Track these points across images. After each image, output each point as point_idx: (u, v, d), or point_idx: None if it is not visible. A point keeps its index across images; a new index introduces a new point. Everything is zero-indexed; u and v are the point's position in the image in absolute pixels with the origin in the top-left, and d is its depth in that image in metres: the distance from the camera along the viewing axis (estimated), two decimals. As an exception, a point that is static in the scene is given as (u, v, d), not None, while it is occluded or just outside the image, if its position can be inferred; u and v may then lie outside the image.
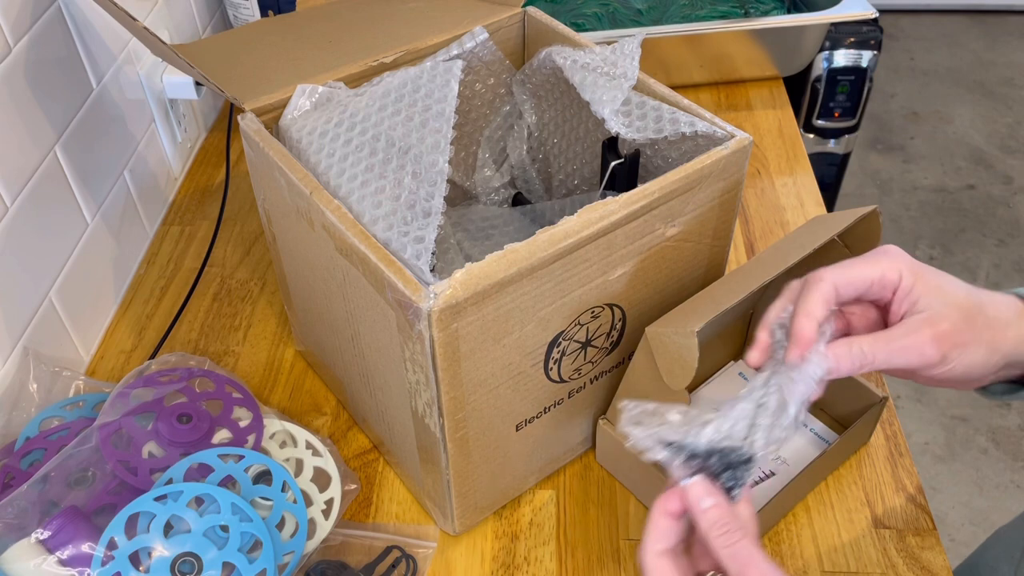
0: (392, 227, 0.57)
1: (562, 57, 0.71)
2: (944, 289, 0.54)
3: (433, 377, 0.56)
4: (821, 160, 1.51)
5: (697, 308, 0.60)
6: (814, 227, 0.66)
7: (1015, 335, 0.54)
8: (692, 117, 0.65)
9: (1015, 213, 2.36)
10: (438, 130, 0.63)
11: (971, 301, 0.54)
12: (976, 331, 0.53)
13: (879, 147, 2.59)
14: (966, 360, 0.53)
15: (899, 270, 0.54)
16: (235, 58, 0.74)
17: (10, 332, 0.74)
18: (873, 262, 0.55)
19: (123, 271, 0.93)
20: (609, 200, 0.58)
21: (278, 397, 0.82)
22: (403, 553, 0.68)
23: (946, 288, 0.54)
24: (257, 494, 0.67)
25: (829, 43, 1.35)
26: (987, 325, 0.53)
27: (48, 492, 0.63)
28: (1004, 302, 0.55)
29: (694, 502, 0.49)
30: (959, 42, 2.99)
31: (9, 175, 0.73)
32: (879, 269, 0.54)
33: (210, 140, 1.14)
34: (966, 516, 1.72)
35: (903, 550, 0.68)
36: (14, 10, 0.73)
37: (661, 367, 0.60)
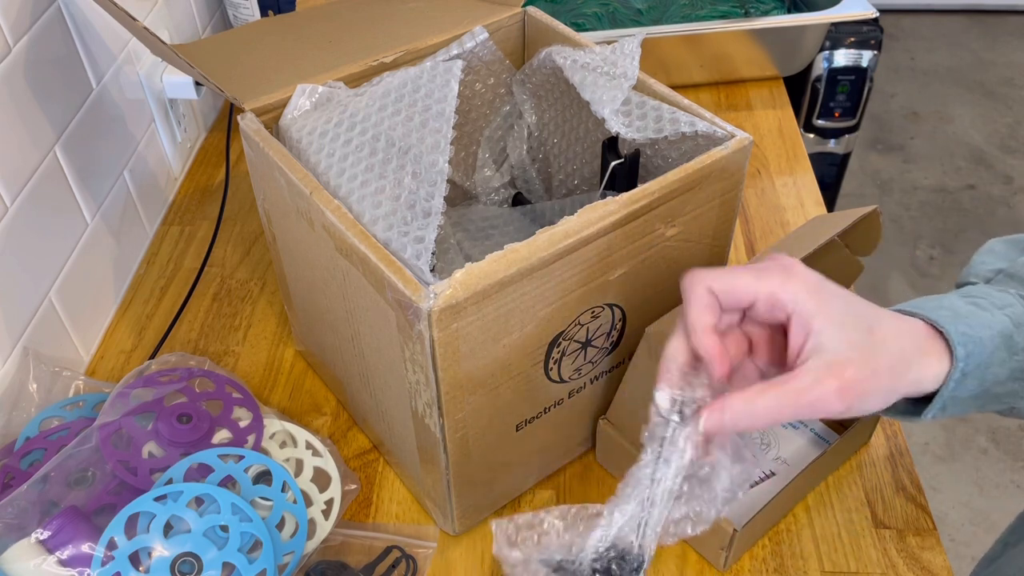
0: (392, 227, 0.57)
1: (562, 57, 0.71)
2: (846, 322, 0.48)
3: (433, 377, 0.56)
4: (821, 160, 1.51)
5: None
6: (815, 227, 0.66)
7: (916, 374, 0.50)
8: (692, 117, 0.65)
9: (1015, 213, 2.36)
10: (438, 130, 0.63)
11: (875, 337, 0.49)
12: (878, 379, 0.48)
13: (879, 147, 2.59)
14: (866, 407, 0.48)
15: (794, 293, 0.48)
16: (235, 58, 0.74)
17: (10, 332, 0.74)
18: (762, 276, 0.49)
19: (123, 271, 0.93)
20: (609, 200, 0.58)
21: (278, 397, 0.82)
22: (403, 553, 0.68)
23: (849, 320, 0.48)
24: (257, 494, 0.67)
25: (829, 43, 1.35)
26: (889, 370, 0.48)
27: (48, 492, 0.63)
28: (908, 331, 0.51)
29: None
30: (959, 42, 2.99)
31: (9, 175, 0.73)
32: (768, 286, 0.49)
33: (210, 140, 1.14)
34: (966, 516, 1.72)
35: (903, 550, 0.68)
36: (14, 10, 0.73)
37: None
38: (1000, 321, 0.52)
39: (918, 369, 0.50)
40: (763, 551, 0.68)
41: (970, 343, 0.50)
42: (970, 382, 0.51)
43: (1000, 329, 0.52)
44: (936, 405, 0.51)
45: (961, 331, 0.50)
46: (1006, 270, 0.58)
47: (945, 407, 0.52)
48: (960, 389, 0.51)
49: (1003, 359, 0.52)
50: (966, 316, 0.52)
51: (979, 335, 0.51)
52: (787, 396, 0.47)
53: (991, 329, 0.52)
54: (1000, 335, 0.52)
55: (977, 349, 0.50)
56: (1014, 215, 2.35)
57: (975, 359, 0.50)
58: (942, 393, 0.50)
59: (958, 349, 0.50)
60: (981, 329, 0.51)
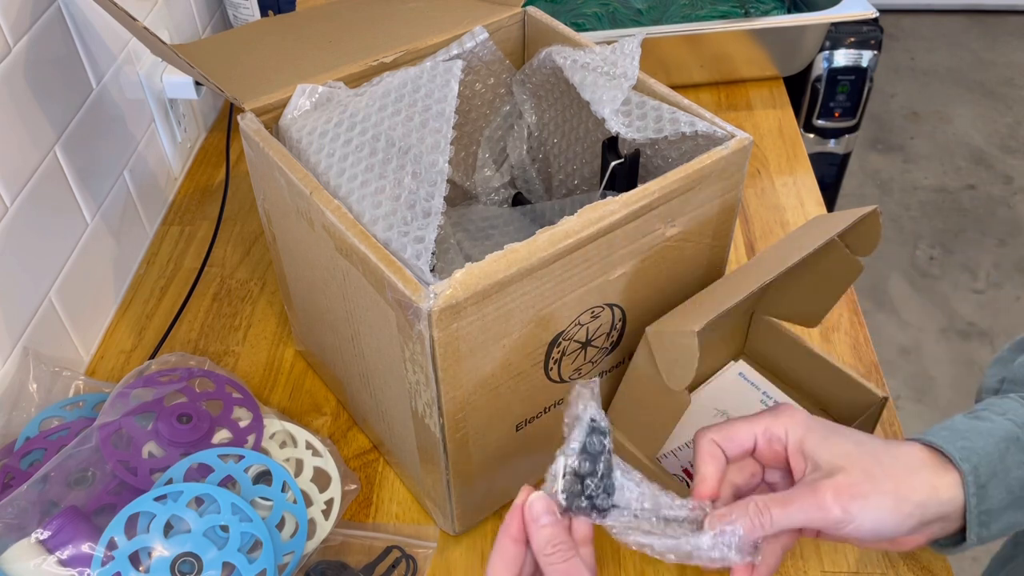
0: (392, 227, 0.57)
1: (562, 57, 0.71)
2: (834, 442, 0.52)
3: (433, 377, 0.56)
4: (821, 160, 1.51)
5: (697, 308, 0.60)
6: (814, 227, 0.66)
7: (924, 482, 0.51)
8: (692, 117, 0.65)
9: (1015, 213, 2.36)
10: (438, 130, 0.63)
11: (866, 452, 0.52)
12: (876, 482, 0.50)
13: (879, 147, 2.59)
14: (871, 514, 0.50)
15: (784, 426, 0.54)
16: (235, 58, 0.74)
17: (10, 332, 0.74)
18: (754, 419, 0.55)
19: (123, 271, 0.93)
20: (609, 200, 0.58)
21: (278, 397, 0.82)
22: (403, 553, 0.68)
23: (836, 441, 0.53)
24: (257, 494, 0.67)
25: (829, 43, 1.35)
26: (888, 475, 0.51)
27: (48, 492, 0.63)
28: (906, 452, 0.53)
29: (531, 520, 0.49)
30: (959, 42, 2.99)
31: (9, 175, 0.73)
32: (761, 424, 0.54)
33: (210, 140, 1.14)
34: (966, 516, 1.71)
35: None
36: (14, 10, 0.73)
37: (661, 367, 0.60)
38: (1002, 427, 0.53)
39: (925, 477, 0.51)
40: (763, 551, 0.68)
41: (973, 456, 0.51)
42: (995, 492, 0.51)
43: (1003, 435, 0.53)
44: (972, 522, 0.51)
45: (960, 446, 0.52)
46: (1007, 376, 0.60)
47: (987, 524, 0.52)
48: (988, 502, 0.51)
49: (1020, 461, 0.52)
50: (965, 431, 0.53)
51: (979, 445, 0.52)
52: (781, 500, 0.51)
53: (993, 436, 0.53)
54: (1004, 440, 0.53)
55: (984, 460, 0.51)
56: (1014, 215, 2.35)
57: (985, 469, 0.51)
58: (969, 508, 0.51)
59: (963, 465, 0.51)
60: (981, 439, 0.52)
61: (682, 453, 0.73)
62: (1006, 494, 0.52)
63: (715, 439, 0.55)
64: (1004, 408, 0.55)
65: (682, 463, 0.72)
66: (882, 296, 2.16)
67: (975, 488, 0.51)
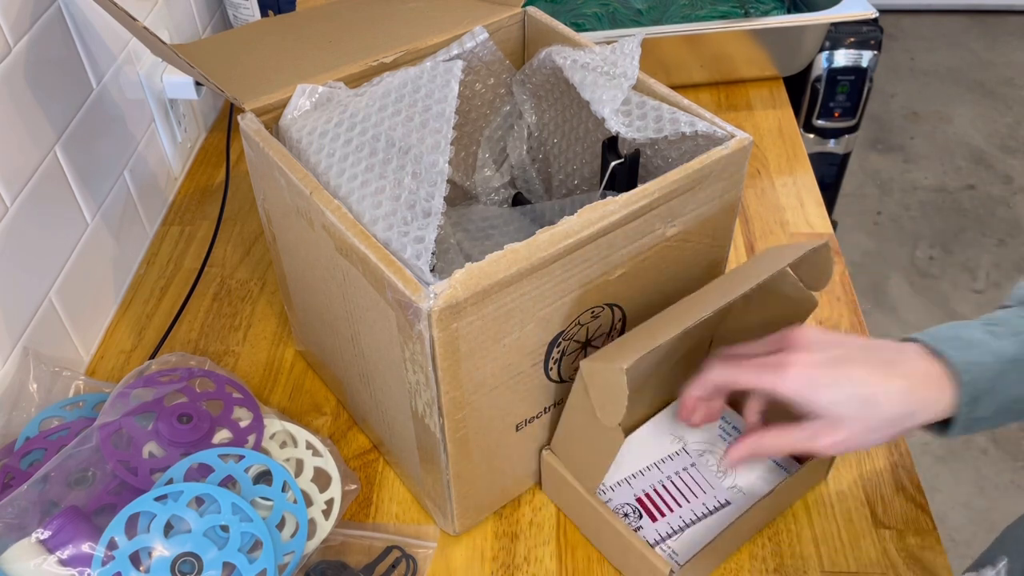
0: (392, 227, 0.57)
1: (562, 57, 0.71)
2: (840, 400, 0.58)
3: (433, 377, 0.56)
4: (821, 160, 1.50)
5: (635, 341, 0.58)
6: (765, 259, 0.65)
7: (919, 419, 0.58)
8: (692, 117, 0.65)
9: (1015, 213, 2.36)
10: (438, 130, 0.63)
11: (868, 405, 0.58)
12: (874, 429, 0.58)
13: (879, 147, 2.59)
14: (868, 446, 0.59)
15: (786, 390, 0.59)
16: (235, 58, 0.74)
17: (10, 332, 0.74)
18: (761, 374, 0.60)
19: (123, 271, 0.93)
20: (609, 200, 0.58)
21: (278, 397, 0.82)
22: (403, 553, 0.68)
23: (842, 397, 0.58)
24: (257, 494, 0.67)
25: (829, 43, 1.35)
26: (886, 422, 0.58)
27: (48, 492, 0.63)
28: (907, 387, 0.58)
29: None
30: (959, 42, 2.99)
31: (9, 175, 0.73)
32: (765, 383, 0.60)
33: (210, 140, 1.14)
34: (966, 516, 1.72)
35: (903, 550, 0.68)
36: (14, 10, 0.73)
37: (595, 402, 0.58)
38: (1011, 347, 0.58)
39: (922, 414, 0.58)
40: (763, 551, 0.68)
41: (974, 368, 0.57)
42: (987, 403, 0.57)
43: (1012, 355, 0.57)
44: (958, 425, 0.58)
45: (967, 359, 0.57)
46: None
47: (969, 426, 0.58)
48: (978, 410, 0.58)
49: (1018, 379, 0.57)
50: (976, 345, 0.58)
51: (985, 361, 0.57)
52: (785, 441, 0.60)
53: (999, 356, 0.57)
54: (1011, 360, 0.57)
55: (983, 374, 0.57)
56: (1014, 215, 2.35)
57: (983, 383, 0.57)
58: (959, 416, 0.58)
59: (963, 376, 0.57)
60: (988, 356, 0.57)
61: (636, 482, 0.71)
62: (998, 406, 0.58)
63: (717, 382, 0.62)
64: (1020, 328, 0.59)
65: (635, 492, 0.70)
66: (882, 296, 2.16)
67: (968, 400, 0.57)
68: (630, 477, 0.71)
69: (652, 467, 0.71)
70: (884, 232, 2.33)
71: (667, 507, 0.68)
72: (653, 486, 0.70)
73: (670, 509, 0.68)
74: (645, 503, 0.69)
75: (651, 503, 0.69)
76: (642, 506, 0.69)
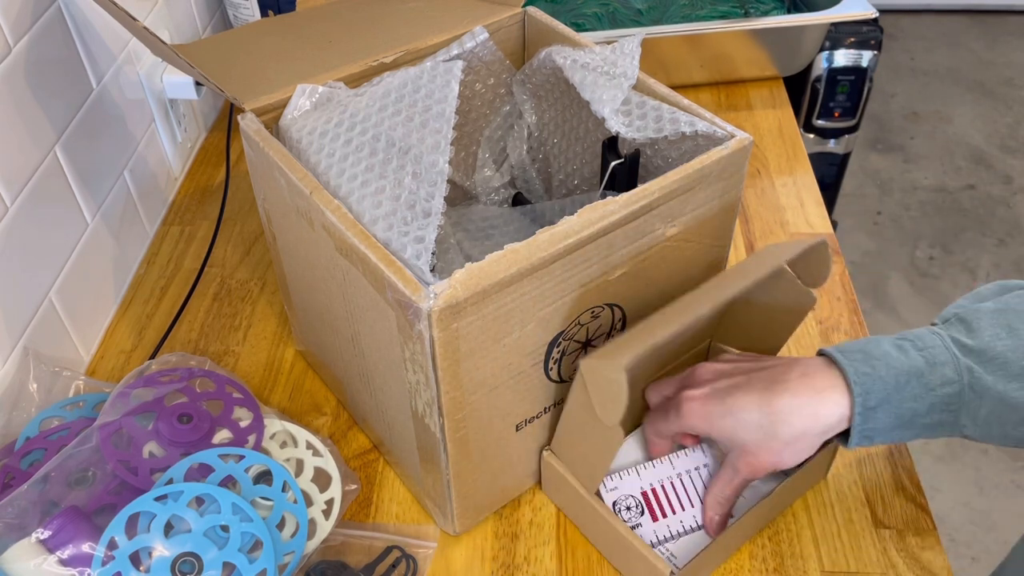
0: (392, 227, 0.57)
1: (562, 57, 0.71)
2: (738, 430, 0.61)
3: (433, 377, 0.56)
4: (821, 160, 1.51)
5: (634, 340, 0.58)
6: (761, 257, 0.64)
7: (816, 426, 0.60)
8: (692, 117, 0.65)
9: (1015, 213, 2.36)
10: (438, 130, 0.63)
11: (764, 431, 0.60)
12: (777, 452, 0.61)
13: (879, 147, 2.59)
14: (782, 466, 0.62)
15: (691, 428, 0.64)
16: (235, 58, 0.74)
17: (10, 332, 0.74)
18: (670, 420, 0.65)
19: (123, 271, 0.93)
20: (609, 200, 0.58)
21: (278, 397, 0.82)
22: (403, 553, 0.68)
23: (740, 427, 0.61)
24: (257, 494, 0.67)
25: (829, 43, 1.35)
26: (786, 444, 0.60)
27: (48, 492, 0.63)
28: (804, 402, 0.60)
29: None
30: (959, 42, 2.99)
31: (9, 175, 0.73)
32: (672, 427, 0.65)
33: (210, 140, 1.14)
34: (966, 516, 1.72)
35: (903, 550, 0.68)
36: (14, 10, 0.73)
37: (594, 401, 0.58)
38: (913, 361, 0.59)
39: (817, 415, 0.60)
40: (763, 551, 0.68)
41: (867, 380, 0.58)
42: (883, 415, 0.59)
43: (909, 368, 0.58)
44: (855, 437, 0.60)
45: (861, 371, 0.59)
46: (959, 313, 0.62)
47: (869, 437, 0.60)
48: (874, 422, 0.59)
49: (917, 394, 0.58)
50: (877, 357, 0.59)
51: (880, 374, 0.58)
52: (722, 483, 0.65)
53: (897, 369, 0.59)
54: (908, 374, 0.58)
55: (877, 386, 0.58)
56: (1014, 215, 2.35)
57: (877, 395, 0.58)
58: (855, 426, 0.59)
59: (854, 387, 0.58)
60: (885, 369, 0.59)
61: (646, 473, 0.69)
62: (895, 420, 0.59)
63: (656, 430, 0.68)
64: (926, 343, 0.60)
65: (643, 484, 0.68)
66: (882, 296, 2.16)
67: (862, 409, 0.58)
68: (641, 467, 0.69)
69: (666, 460, 0.70)
70: (884, 232, 2.33)
71: (671, 508, 0.67)
72: (662, 481, 0.68)
73: (673, 511, 0.67)
74: (650, 499, 0.67)
75: (656, 501, 0.68)
76: (646, 502, 0.67)
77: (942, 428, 0.60)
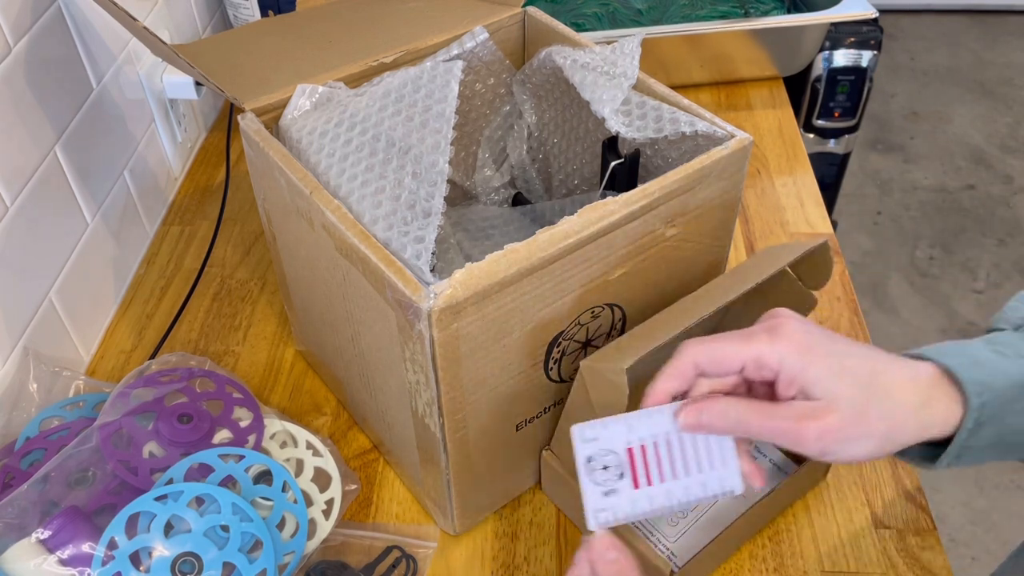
0: (392, 227, 0.57)
1: (562, 57, 0.71)
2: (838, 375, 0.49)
3: (433, 377, 0.56)
4: (821, 160, 1.50)
5: (635, 342, 0.58)
6: (763, 258, 0.64)
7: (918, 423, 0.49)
8: (692, 117, 0.65)
9: (1015, 213, 2.36)
10: (438, 130, 0.63)
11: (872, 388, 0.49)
12: (868, 424, 0.48)
13: (879, 147, 2.59)
14: (850, 452, 0.49)
15: (780, 355, 0.49)
16: (235, 58, 0.74)
17: (10, 332, 0.74)
18: (749, 341, 0.50)
19: (123, 271, 0.93)
20: (609, 200, 0.58)
21: (278, 397, 0.82)
22: (403, 553, 0.68)
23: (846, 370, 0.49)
24: (257, 494, 0.67)
25: (829, 43, 1.35)
26: (885, 415, 0.49)
27: (48, 492, 0.63)
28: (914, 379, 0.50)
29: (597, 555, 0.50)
30: (959, 42, 2.99)
31: (9, 175, 0.73)
32: (754, 350, 0.49)
33: (210, 140, 1.14)
34: (966, 516, 1.72)
35: (903, 550, 0.68)
36: (14, 10, 0.73)
37: (595, 402, 0.58)
38: (1021, 371, 0.51)
39: (922, 417, 0.49)
40: (763, 551, 0.68)
41: (986, 392, 0.49)
42: (986, 431, 0.50)
43: (1020, 379, 0.50)
44: (951, 453, 0.51)
45: (977, 379, 0.49)
46: None
47: (960, 456, 0.51)
48: (976, 438, 0.50)
49: (1021, 409, 0.50)
50: (986, 363, 0.51)
51: (996, 383, 0.50)
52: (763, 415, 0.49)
53: (1011, 379, 0.50)
54: (1019, 385, 0.50)
55: (993, 399, 0.49)
56: (1014, 215, 2.35)
57: (990, 408, 0.49)
58: (956, 441, 0.50)
59: (973, 399, 0.49)
60: (1000, 378, 0.50)
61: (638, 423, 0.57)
62: (994, 436, 0.50)
63: (698, 360, 0.50)
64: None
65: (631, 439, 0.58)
66: (882, 296, 2.16)
67: (972, 426, 0.49)
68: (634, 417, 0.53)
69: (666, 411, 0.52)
70: (884, 232, 2.33)
71: (659, 474, 0.53)
72: (656, 439, 0.52)
73: (662, 478, 0.53)
74: (635, 459, 0.53)
75: (644, 462, 0.53)
76: (631, 461, 0.53)
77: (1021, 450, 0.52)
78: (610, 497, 0.52)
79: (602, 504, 0.51)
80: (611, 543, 0.50)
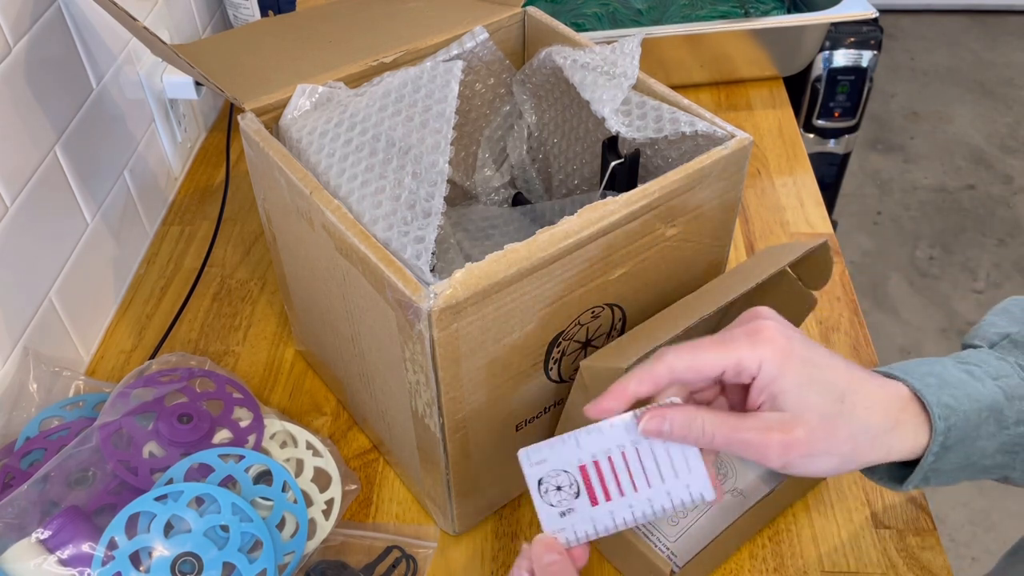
0: (392, 227, 0.57)
1: (562, 57, 0.71)
2: (812, 387, 0.48)
3: (433, 377, 0.56)
4: (821, 160, 1.51)
5: (634, 342, 0.57)
6: (763, 258, 0.64)
7: (883, 446, 0.49)
8: (692, 117, 0.65)
9: (1015, 213, 2.36)
10: (438, 130, 0.63)
11: (843, 405, 0.48)
12: (835, 442, 0.47)
13: (879, 147, 2.59)
14: (812, 468, 0.48)
15: (759, 358, 0.48)
16: (235, 58, 0.74)
17: (10, 332, 0.74)
18: (728, 347, 0.49)
19: (123, 271, 0.93)
20: (609, 200, 0.58)
21: (278, 397, 0.82)
22: (403, 553, 0.68)
23: (815, 385, 0.48)
24: (257, 494, 0.67)
25: (829, 43, 1.35)
26: (851, 435, 0.48)
27: (48, 492, 0.63)
28: (885, 400, 0.49)
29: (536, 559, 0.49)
30: (959, 42, 2.99)
31: (9, 175, 0.73)
32: (734, 356, 0.48)
33: (210, 140, 1.14)
34: (966, 516, 1.72)
35: (903, 550, 0.68)
36: (14, 10, 0.73)
37: None
38: (991, 393, 0.50)
39: (889, 440, 0.49)
40: (763, 551, 0.68)
41: (952, 416, 0.49)
42: (954, 455, 0.50)
43: (989, 403, 0.50)
44: (916, 476, 0.50)
45: (944, 403, 0.49)
46: (1013, 336, 0.55)
47: (928, 478, 0.51)
48: (943, 462, 0.50)
49: (991, 433, 0.50)
50: (955, 385, 0.50)
51: (963, 408, 0.49)
52: (728, 427, 0.48)
53: (979, 402, 0.50)
54: (989, 408, 0.50)
55: (960, 422, 0.49)
56: (1014, 215, 2.35)
57: (957, 432, 0.49)
58: (922, 465, 0.50)
59: (938, 423, 0.49)
60: (967, 402, 0.50)
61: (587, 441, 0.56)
62: (962, 459, 0.50)
63: (675, 367, 0.49)
64: (999, 372, 0.52)
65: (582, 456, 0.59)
66: (882, 296, 2.16)
67: (938, 450, 0.49)
68: (582, 433, 0.51)
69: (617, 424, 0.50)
70: (884, 232, 2.33)
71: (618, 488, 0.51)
72: (608, 454, 0.51)
73: (622, 492, 0.51)
74: (590, 477, 0.51)
75: (599, 478, 0.51)
76: (585, 479, 0.51)
77: (993, 471, 0.52)
78: (567, 517, 0.51)
79: (559, 524, 0.51)
80: (549, 546, 0.49)
